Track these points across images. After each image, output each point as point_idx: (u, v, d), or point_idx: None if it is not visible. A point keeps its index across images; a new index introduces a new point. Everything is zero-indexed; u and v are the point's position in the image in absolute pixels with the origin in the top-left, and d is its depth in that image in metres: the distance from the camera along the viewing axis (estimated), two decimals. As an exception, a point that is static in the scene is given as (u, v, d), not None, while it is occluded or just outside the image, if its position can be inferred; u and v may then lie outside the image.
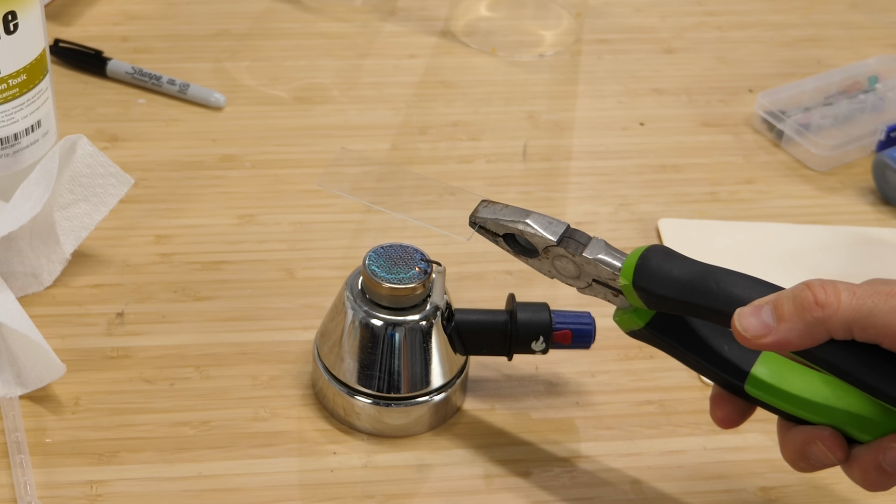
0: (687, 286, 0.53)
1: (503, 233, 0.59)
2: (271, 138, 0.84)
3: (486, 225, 0.59)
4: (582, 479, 0.62)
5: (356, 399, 0.63)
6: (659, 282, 0.53)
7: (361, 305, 0.62)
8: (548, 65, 0.94)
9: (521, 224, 0.58)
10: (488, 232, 0.59)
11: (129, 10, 0.96)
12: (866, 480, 0.52)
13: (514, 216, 0.58)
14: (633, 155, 0.85)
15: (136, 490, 0.60)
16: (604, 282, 0.56)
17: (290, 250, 0.75)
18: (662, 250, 0.55)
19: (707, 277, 0.53)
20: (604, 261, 0.56)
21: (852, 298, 0.49)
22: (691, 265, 0.54)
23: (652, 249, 0.55)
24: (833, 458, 0.52)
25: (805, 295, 0.49)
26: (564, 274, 0.58)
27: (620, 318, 0.57)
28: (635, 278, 0.54)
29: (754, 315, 0.50)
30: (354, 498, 0.60)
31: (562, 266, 0.58)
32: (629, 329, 0.57)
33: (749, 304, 0.51)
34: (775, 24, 1.01)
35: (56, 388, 0.64)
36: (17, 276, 0.69)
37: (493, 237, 0.59)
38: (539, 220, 0.58)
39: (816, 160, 0.84)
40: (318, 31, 0.96)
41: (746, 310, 0.50)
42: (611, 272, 0.56)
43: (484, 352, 0.64)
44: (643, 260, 0.54)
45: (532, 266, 0.59)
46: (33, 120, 0.71)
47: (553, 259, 0.58)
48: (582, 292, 0.58)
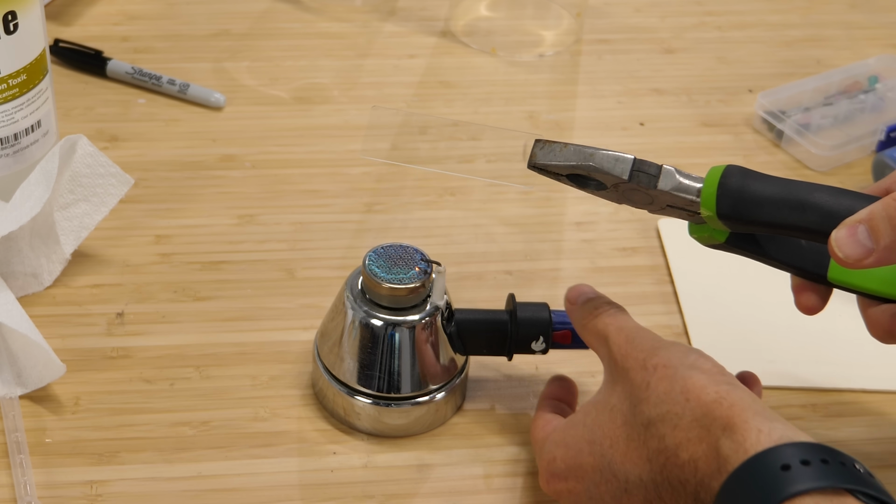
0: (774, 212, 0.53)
1: (567, 173, 0.57)
2: (271, 138, 0.84)
3: (547, 168, 0.57)
4: (582, 479, 0.62)
5: (356, 399, 0.63)
6: (745, 211, 0.53)
7: (361, 305, 0.62)
8: (548, 65, 0.94)
9: (585, 167, 0.56)
10: (550, 174, 0.58)
11: (129, 10, 0.96)
12: None
13: (577, 158, 0.56)
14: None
15: (136, 490, 0.60)
16: (680, 207, 0.56)
17: (290, 250, 0.75)
18: (739, 171, 0.54)
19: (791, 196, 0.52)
20: (680, 194, 0.55)
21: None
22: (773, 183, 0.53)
23: (729, 173, 0.54)
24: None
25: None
26: (637, 203, 0.57)
27: (700, 235, 0.57)
28: (719, 207, 0.54)
29: (851, 237, 0.50)
30: (354, 498, 0.60)
31: (634, 198, 0.57)
32: (709, 243, 0.57)
33: (843, 226, 0.51)
34: (775, 24, 1.01)
35: (56, 388, 0.64)
36: (17, 276, 0.69)
37: (555, 177, 0.58)
38: (604, 159, 0.56)
39: (816, 160, 0.84)
40: (318, 31, 0.96)
41: (842, 233, 0.51)
42: (689, 202, 0.55)
43: (484, 352, 0.64)
44: (723, 188, 0.54)
45: (602, 196, 0.58)
46: (33, 120, 0.71)
47: (623, 192, 0.56)
48: (655, 214, 0.57)
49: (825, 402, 0.67)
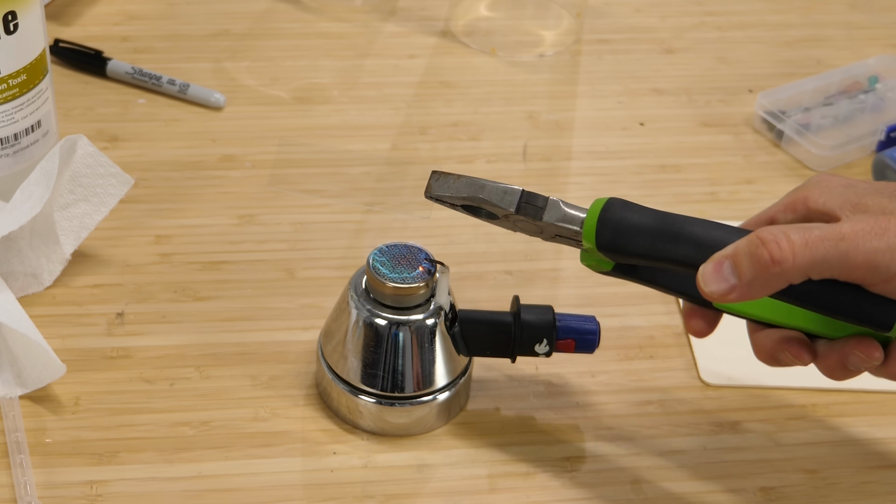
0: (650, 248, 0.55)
1: (461, 204, 0.59)
2: (271, 138, 0.84)
3: (442, 199, 0.59)
4: (582, 479, 0.62)
5: (360, 398, 0.63)
6: (622, 246, 0.55)
7: (365, 304, 0.62)
8: (548, 65, 0.94)
9: (475, 199, 0.58)
10: (445, 203, 0.59)
11: (129, 10, 0.96)
12: (833, 375, 0.56)
13: (468, 191, 0.58)
14: (633, 155, 0.85)
15: (136, 490, 0.60)
16: (567, 237, 0.57)
17: (290, 250, 0.75)
18: (620, 204, 0.56)
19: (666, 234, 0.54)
20: (564, 225, 0.57)
21: (805, 249, 0.51)
22: (651, 218, 0.55)
23: (609, 206, 0.56)
24: (801, 363, 0.56)
25: (761, 253, 0.51)
26: (527, 232, 0.59)
27: (588, 263, 0.58)
28: (598, 239, 0.55)
29: (716, 274, 0.52)
30: (354, 498, 0.60)
31: (523, 227, 0.58)
32: (597, 271, 0.58)
33: (710, 261, 0.53)
34: (775, 24, 1.01)
35: (56, 388, 0.64)
36: (17, 276, 0.69)
37: (451, 206, 0.60)
38: (494, 192, 0.58)
39: (816, 160, 0.84)
40: (318, 31, 0.96)
41: (709, 270, 0.53)
42: (573, 232, 0.57)
43: (487, 353, 0.64)
44: (602, 223, 0.55)
45: (496, 225, 0.59)
46: (33, 120, 0.71)
47: (514, 222, 0.58)
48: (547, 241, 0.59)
49: (825, 402, 0.67)
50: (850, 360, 0.55)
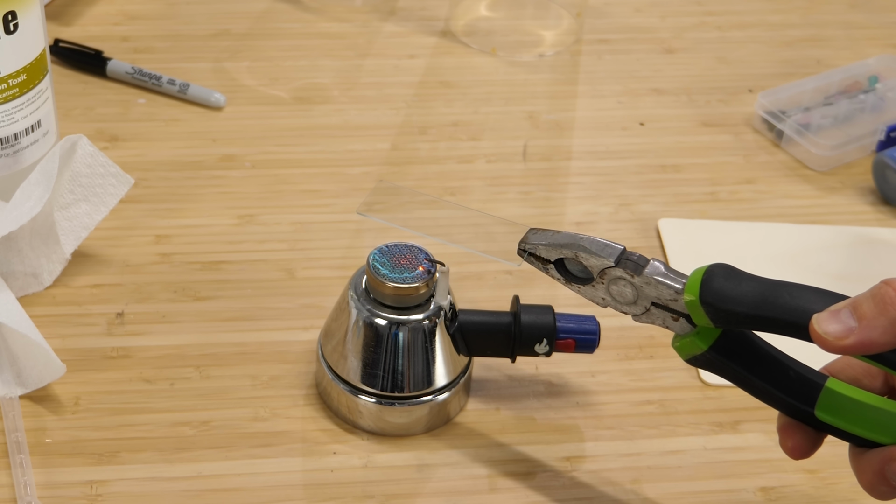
0: (758, 298, 0.51)
1: (555, 258, 0.56)
2: (271, 138, 0.84)
3: (536, 252, 0.57)
4: (582, 479, 0.62)
5: (360, 398, 0.63)
6: (727, 295, 0.51)
7: (365, 304, 0.62)
8: (548, 65, 0.94)
9: (575, 247, 0.55)
10: (538, 259, 0.57)
11: (129, 10, 0.96)
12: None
13: (567, 240, 0.56)
14: (633, 155, 0.85)
15: (136, 490, 0.60)
16: (664, 304, 0.54)
17: (290, 250, 0.75)
18: (727, 267, 0.53)
19: (779, 290, 0.51)
20: (665, 281, 0.54)
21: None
22: (760, 280, 0.52)
23: (716, 266, 0.53)
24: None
25: (886, 292, 0.48)
26: (620, 300, 0.55)
27: (681, 344, 0.54)
28: (702, 293, 0.52)
29: (833, 318, 0.49)
30: (354, 498, 0.60)
31: (618, 291, 0.55)
32: (691, 354, 0.54)
33: (825, 310, 0.49)
34: (775, 24, 1.01)
35: (56, 388, 0.64)
36: (17, 276, 0.69)
37: (542, 264, 0.57)
38: (594, 243, 0.55)
39: (816, 160, 0.84)
40: (318, 31, 0.96)
41: (824, 314, 0.49)
42: (673, 292, 0.53)
43: (487, 353, 0.64)
44: (709, 276, 0.52)
45: (584, 295, 0.56)
46: (33, 120, 0.71)
47: (609, 283, 0.55)
48: (637, 320, 0.56)
49: (825, 402, 0.67)
50: None
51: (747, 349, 0.54)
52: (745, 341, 0.54)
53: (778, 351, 0.54)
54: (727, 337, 0.54)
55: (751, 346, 0.54)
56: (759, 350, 0.54)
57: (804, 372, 0.54)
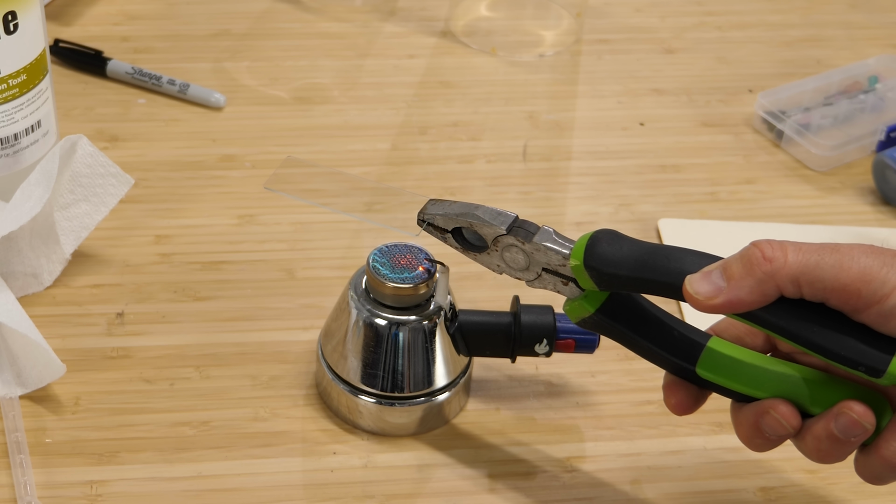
0: (638, 262, 0.53)
1: (451, 227, 0.58)
2: (271, 138, 0.84)
3: (434, 221, 0.59)
4: (582, 479, 0.62)
5: (360, 398, 0.63)
6: (609, 259, 0.54)
7: (365, 304, 0.62)
8: (548, 65, 0.94)
9: (469, 216, 0.58)
10: (436, 229, 0.59)
11: (129, 10, 0.96)
12: (819, 450, 0.52)
13: (462, 209, 0.58)
14: (633, 155, 0.85)
15: (136, 490, 0.60)
16: (553, 269, 0.56)
17: (290, 250, 0.75)
18: (611, 232, 0.55)
19: (657, 253, 0.53)
20: (553, 247, 0.56)
21: (798, 253, 0.50)
22: (640, 244, 0.54)
23: (600, 232, 0.55)
24: (787, 426, 0.53)
25: (753, 252, 0.50)
26: (514, 266, 0.58)
27: (571, 307, 0.57)
28: (586, 258, 0.54)
29: (705, 278, 0.51)
30: (354, 498, 0.60)
31: (511, 258, 0.58)
32: (580, 317, 0.57)
33: (698, 272, 0.51)
34: (775, 24, 1.01)
35: (56, 388, 0.64)
36: (17, 276, 0.69)
37: (441, 234, 0.59)
38: (488, 212, 0.58)
39: (816, 160, 0.84)
40: (318, 31, 0.96)
41: (696, 275, 0.51)
42: (561, 258, 0.56)
43: (487, 353, 0.64)
44: (593, 241, 0.54)
45: (480, 262, 0.59)
46: (33, 120, 0.71)
47: (502, 251, 0.58)
48: (531, 285, 0.58)
49: (825, 402, 0.67)
50: (838, 421, 0.51)
51: (633, 311, 0.56)
52: (631, 304, 0.56)
53: (663, 312, 0.56)
54: (614, 300, 0.56)
55: (636, 309, 0.56)
56: (644, 312, 0.56)
57: (687, 332, 0.56)
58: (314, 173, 0.71)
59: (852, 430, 0.51)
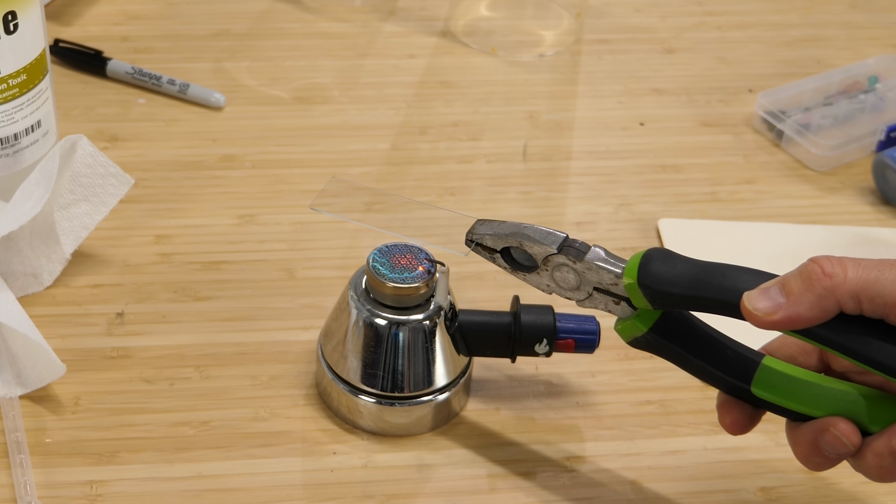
0: (693, 279, 0.53)
1: (501, 247, 0.58)
2: (271, 138, 0.84)
3: (483, 241, 0.59)
4: (582, 479, 0.62)
5: (360, 398, 0.63)
6: (664, 277, 0.53)
7: (365, 304, 0.62)
8: (548, 65, 0.94)
9: (519, 236, 0.57)
10: (485, 249, 0.59)
11: (129, 10, 0.96)
12: (881, 468, 0.52)
13: (512, 229, 0.58)
14: (633, 155, 0.85)
15: (136, 490, 0.60)
16: (605, 289, 0.56)
17: (290, 250, 0.75)
18: (664, 251, 0.55)
19: (712, 271, 0.53)
20: (605, 266, 0.56)
21: (858, 269, 0.50)
22: (694, 262, 0.54)
23: (654, 250, 0.55)
24: (847, 444, 0.52)
25: (812, 268, 0.50)
26: (564, 286, 0.58)
27: (623, 327, 0.56)
28: (640, 276, 0.54)
29: (763, 294, 0.51)
30: (354, 498, 0.60)
31: (561, 277, 0.57)
32: (632, 337, 0.56)
33: (756, 288, 0.51)
34: (775, 24, 1.01)
35: (56, 388, 0.64)
36: (17, 276, 0.69)
37: (489, 254, 0.59)
38: (538, 231, 0.57)
39: (816, 160, 0.84)
40: (318, 31, 0.96)
41: (754, 292, 0.51)
42: (613, 276, 0.55)
43: (487, 353, 0.64)
44: (646, 259, 0.54)
45: (530, 282, 0.59)
46: (33, 120, 0.71)
47: (553, 270, 0.57)
48: (581, 305, 0.58)
49: (825, 402, 0.67)
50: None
51: (686, 330, 0.56)
52: (683, 323, 0.56)
53: (716, 331, 0.56)
54: (666, 319, 0.56)
55: (689, 328, 0.56)
56: (697, 331, 0.56)
57: (741, 350, 0.55)
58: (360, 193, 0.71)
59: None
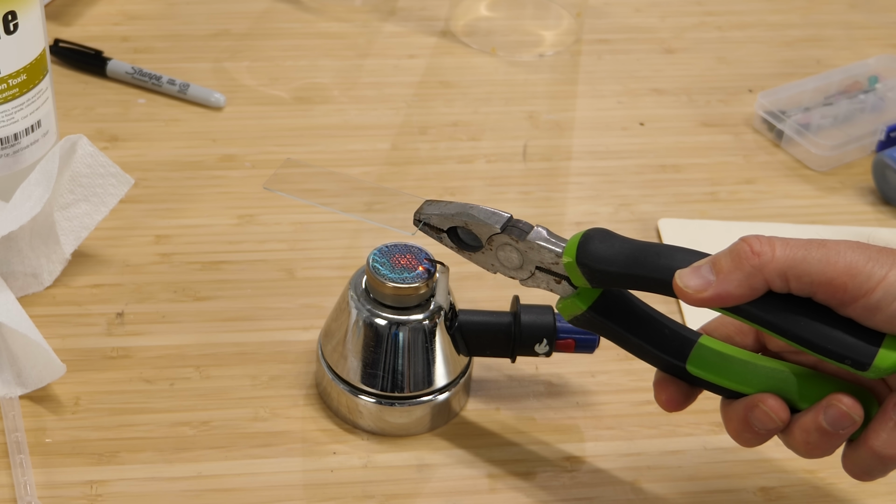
0: (629, 258, 0.54)
1: (447, 227, 0.59)
2: (271, 138, 0.84)
3: (430, 221, 0.59)
4: (582, 479, 0.62)
5: (360, 398, 0.63)
6: (601, 256, 0.54)
7: (365, 304, 0.62)
8: (548, 65, 0.94)
9: (464, 216, 0.58)
10: (432, 228, 0.60)
11: (129, 10, 0.96)
12: (808, 444, 0.53)
13: (457, 209, 0.59)
14: (633, 155, 0.85)
15: (136, 490, 0.60)
16: (546, 268, 0.57)
17: (290, 250, 0.75)
18: (603, 231, 0.55)
19: (648, 250, 0.54)
20: (546, 245, 0.57)
21: (786, 248, 0.51)
22: (632, 242, 0.55)
23: (593, 230, 0.56)
24: (776, 419, 0.53)
25: (741, 247, 0.51)
26: (507, 265, 0.58)
27: (563, 305, 0.58)
28: (578, 255, 0.55)
29: (694, 273, 0.52)
30: (354, 498, 0.60)
31: (505, 256, 0.58)
32: (572, 315, 0.57)
33: (689, 267, 0.52)
34: (775, 24, 1.01)
35: (56, 388, 0.64)
36: (17, 276, 0.69)
37: (436, 234, 0.60)
38: (482, 211, 0.58)
39: (816, 160, 0.84)
40: (318, 31, 0.96)
41: (686, 270, 0.52)
42: (554, 255, 0.56)
43: (487, 353, 0.64)
44: (585, 239, 0.55)
45: (475, 262, 0.60)
46: (33, 120, 0.71)
47: (497, 250, 0.58)
48: (524, 284, 0.58)
49: (825, 402, 0.67)
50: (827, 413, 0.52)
51: (625, 309, 0.57)
52: (622, 302, 0.57)
53: (654, 311, 0.57)
54: (606, 298, 0.57)
55: (628, 306, 0.57)
56: (636, 310, 0.57)
57: (678, 329, 0.57)
58: (313, 174, 0.71)
59: (841, 422, 0.52)
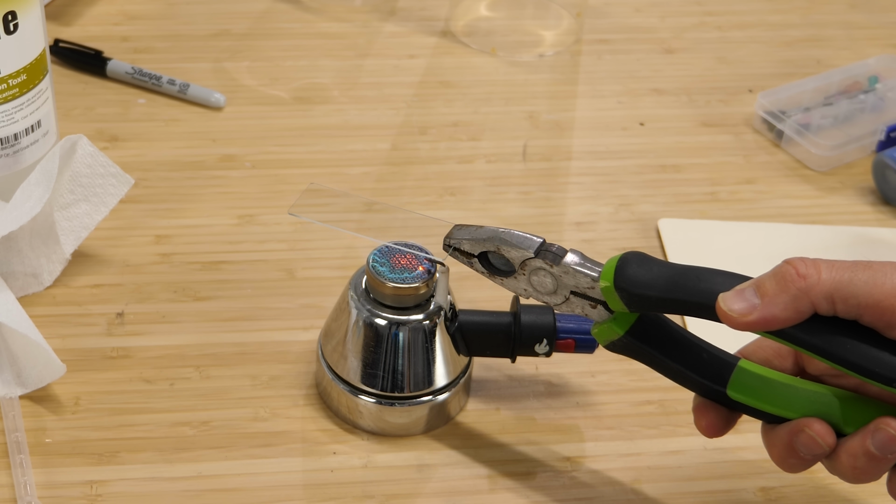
0: (668, 282, 0.53)
1: (478, 252, 0.58)
2: (271, 138, 0.84)
3: (460, 246, 0.59)
4: (582, 479, 0.62)
5: (359, 398, 0.63)
6: (640, 280, 0.53)
7: (365, 304, 0.62)
8: (548, 65, 0.94)
9: (496, 240, 0.57)
10: (462, 254, 0.59)
11: (129, 10, 0.96)
12: (855, 468, 0.52)
13: (489, 234, 0.58)
14: (633, 155, 0.85)
15: (136, 490, 0.60)
16: (582, 292, 0.56)
17: (290, 250, 0.75)
18: (640, 254, 0.55)
19: (688, 274, 0.53)
20: (582, 269, 0.56)
21: (832, 270, 0.50)
22: (670, 265, 0.54)
23: (629, 254, 0.55)
24: (822, 444, 0.52)
25: (786, 269, 0.51)
26: (541, 290, 0.58)
27: (599, 330, 0.57)
28: (616, 279, 0.54)
29: (738, 296, 0.51)
30: (354, 498, 0.60)
31: (538, 281, 0.57)
32: (608, 340, 0.56)
33: (732, 290, 0.51)
34: (775, 24, 1.01)
35: (56, 388, 0.64)
36: (17, 276, 0.69)
37: (467, 259, 0.59)
38: (514, 236, 0.57)
39: (816, 160, 0.84)
40: (318, 31, 0.96)
41: (730, 293, 0.51)
42: (590, 280, 0.56)
43: (487, 353, 0.64)
44: (622, 263, 0.54)
45: (507, 287, 0.59)
46: (33, 120, 0.71)
47: (530, 274, 0.57)
48: (559, 309, 0.58)
49: (825, 402, 0.67)
50: (875, 438, 0.51)
51: (662, 333, 0.56)
52: (659, 326, 0.56)
53: (692, 335, 0.56)
54: (643, 322, 0.56)
55: (665, 331, 0.56)
56: (673, 334, 0.56)
57: (717, 353, 0.56)
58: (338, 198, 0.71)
59: (890, 447, 0.51)
